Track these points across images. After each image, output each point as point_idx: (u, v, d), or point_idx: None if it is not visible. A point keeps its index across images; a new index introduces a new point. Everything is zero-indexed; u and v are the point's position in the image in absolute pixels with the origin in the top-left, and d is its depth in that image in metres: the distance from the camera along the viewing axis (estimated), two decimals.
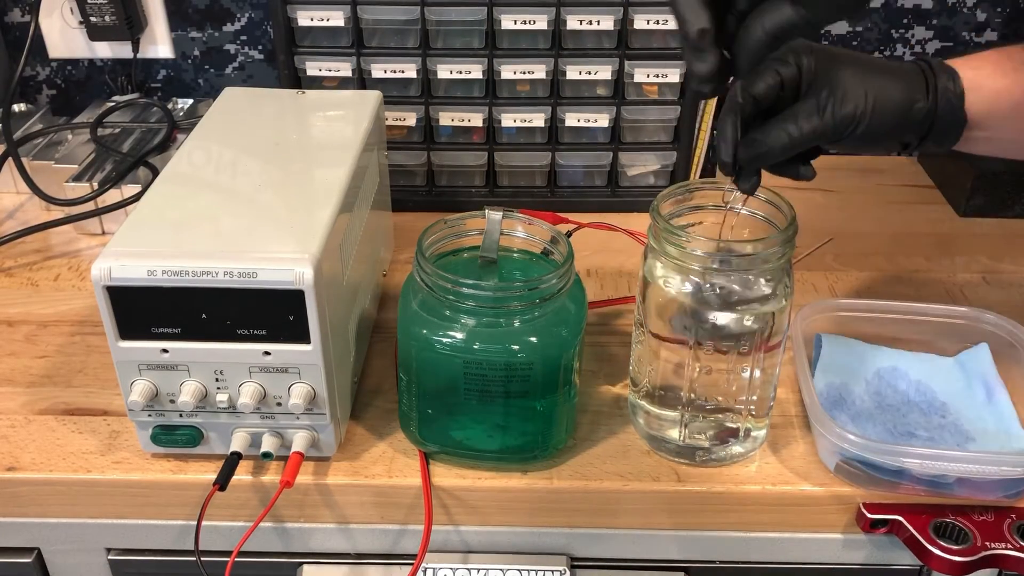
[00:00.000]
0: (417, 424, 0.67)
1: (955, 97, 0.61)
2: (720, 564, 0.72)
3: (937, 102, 0.61)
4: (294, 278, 0.59)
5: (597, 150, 0.98)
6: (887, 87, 0.60)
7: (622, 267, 0.91)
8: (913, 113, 0.61)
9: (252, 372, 0.63)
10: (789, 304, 0.64)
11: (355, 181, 0.72)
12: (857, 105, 0.59)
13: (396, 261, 0.92)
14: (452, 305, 0.62)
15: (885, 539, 0.69)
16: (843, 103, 0.59)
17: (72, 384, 0.76)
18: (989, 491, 0.66)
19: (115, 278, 0.59)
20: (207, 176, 0.70)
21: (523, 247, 0.70)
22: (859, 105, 0.59)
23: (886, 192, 1.07)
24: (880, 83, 0.60)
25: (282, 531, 0.70)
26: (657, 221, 0.63)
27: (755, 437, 0.69)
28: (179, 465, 0.68)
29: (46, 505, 0.69)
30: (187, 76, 1.13)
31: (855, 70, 0.60)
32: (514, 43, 0.93)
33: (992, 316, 0.76)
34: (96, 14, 1.04)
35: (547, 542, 0.71)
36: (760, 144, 0.59)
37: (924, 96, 0.61)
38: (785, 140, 0.59)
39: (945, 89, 0.61)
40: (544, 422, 0.66)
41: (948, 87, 0.61)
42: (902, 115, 0.61)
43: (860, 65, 0.61)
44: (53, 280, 0.89)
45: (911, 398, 0.74)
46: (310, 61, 0.93)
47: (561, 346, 0.63)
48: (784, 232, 0.62)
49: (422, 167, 0.99)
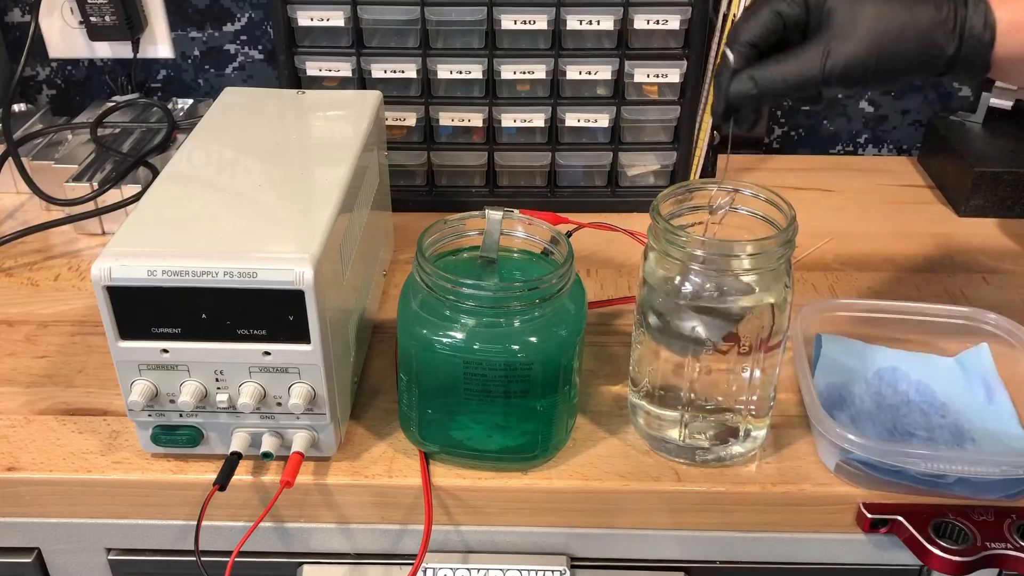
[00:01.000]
0: (417, 424, 0.67)
1: (982, 45, 0.56)
2: (720, 564, 0.72)
3: (961, 48, 0.56)
4: (294, 278, 0.59)
5: (597, 150, 0.98)
6: (904, 33, 0.56)
7: (622, 267, 0.91)
8: (930, 61, 0.57)
9: (252, 372, 0.63)
10: (789, 304, 0.64)
11: (355, 181, 0.72)
12: (863, 58, 0.56)
13: (396, 261, 0.92)
14: (452, 305, 0.62)
15: (885, 539, 0.69)
16: (848, 54, 0.56)
17: (72, 384, 0.76)
18: (989, 491, 0.66)
19: (115, 278, 0.59)
20: (207, 176, 0.70)
21: (523, 247, 0.70)
22: (865, 58, 0.56)
23: (886, 192, 1.07)
24: (897, 27, 0.56)
25: (282, 531, 0.70)
26: (657, 221, 0.63)
27: (755, 437, 0.69)
28: (179, 465, 0.68)
29: (46, 505, 0.69)
30: (187, 76, 1.13)
31: (869, 10, 0.56)
32: (514, 43, 0.93)
33: (992, 316, 0.76)
34: (96, 14, 1.04)
35: (547, 542, 0.71)
36: (753, 85, 0.57)
37: (948, 38, 0.56)
38: (780, 86, 0.57)
39: (972, 35, 0.56)
40: (544, 422, 0.66)
41: (976, 30, 0.56)
42: (917, 64, 0.57)
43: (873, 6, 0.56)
44: (53, 280, 0.89)
45: (911, 398, 0.74)
46: (310, 61, 0.93)
47: (561, 346, 0.63)
48: (784, 232, 0.62)
49: (422, 167, 0.99)
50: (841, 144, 1.16)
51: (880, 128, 1.15)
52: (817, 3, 0.57)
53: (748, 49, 0.58)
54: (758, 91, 0.57)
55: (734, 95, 0.58)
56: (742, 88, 0.58)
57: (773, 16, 0.57)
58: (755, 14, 0.57)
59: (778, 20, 0.57)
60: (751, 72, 0.58)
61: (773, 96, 0.58)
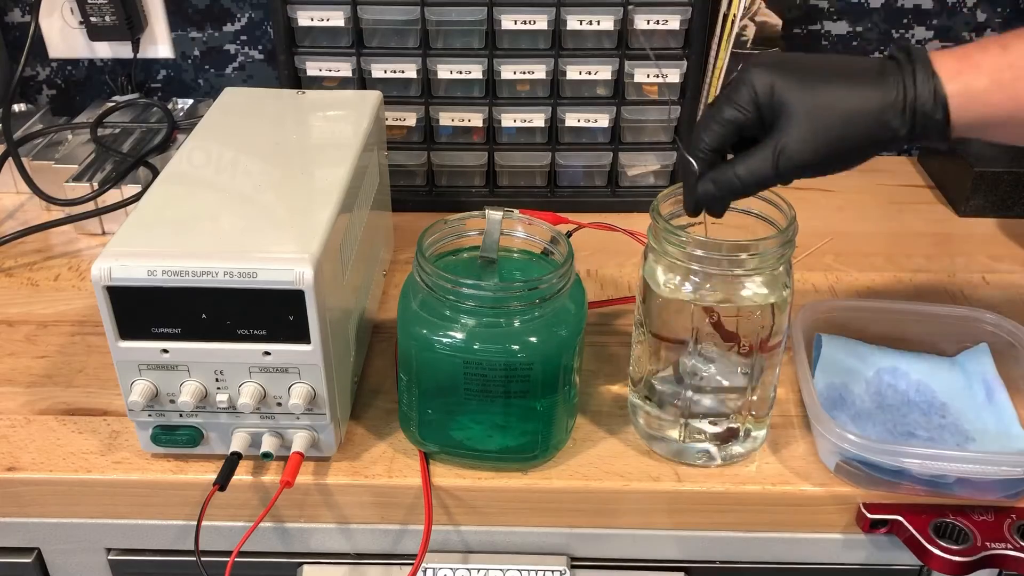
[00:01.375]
0: (417, 424, 0.67)
1: (935, 122, 0.56)
2: (720, 564, 0.72)
3: (914, 127, 0.57)
4: (294, 278, 0.59)
5: (597, 150, 0.98)
6: (851, 121, 0.57)
7: (622, 267, 0.91)
8: (884, 143, 0.58)
9: (252, 372, 0.63)
10: (789, 304, 0.64)
11: (355, 181, 0.72)
12: (811, 153, 0.57)
13: (396, 261, 0.92)
14: (452, 305, 0.62)
15: (885, 539, 0.69)
16: (797, 151, 0.57)
17: (72, 384, 0.76)
18: (989, 491, 0.66)
19: (115, 278, 0.59)
20: (207, 176, 0.70)
21: (523, 247, 0.70)
22: (814, 152, 0.57)
23: (886, 192, 1.07)
24: (843, 117, 0.57)
25: (282, 531, 0.70)
26: (657, 221, 0.63)
27: (755, 437, 0.69)
28: (179, 465, 0.68)
29: (46, 505, 0.69)
30: (187, 76, 1.13)
31: (814, 102, 0.57)
32: (514, 43, 0.93)
33: (992, 316, 0.76)
34: (96, 14, 1.04)
35: (547, 542, 0.71)
36: (713, 188, 0.60)
37: (899, 120, 0.57)
38: (739, 188, 0.59)
39: (923, 113, 0.56)
40: (544, 422, 0.66)
41: (927, 107, 0.56)
42: (871, 147, 0.58)
43: (820, 99, 0.57)
44: (53, 280, 0.89)
45: (911, 398, 0.74)
46: (310, 61, 0.93)
47: (561, 346, 0.63)
48: (784, 232, 0.62)
49: (422, 167, 0.99)
50: None
51: None
52: (768, 101, 0.58)
53: (709, 155, 0.60)
54: (720, 194, 0.60)
55: (701, 197, 0.61)
56: (707, 190, 0.60)
57: (726, 125, 0.59)
58: (710, 123, 0.60)
59: (732, 127, 0.59)
60: (713, 175, 0.60)
61: (734, 195, 0.61)
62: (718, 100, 0.60)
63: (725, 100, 0.59)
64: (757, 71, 0.59)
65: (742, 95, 0.59)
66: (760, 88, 0.58)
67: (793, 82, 0.58)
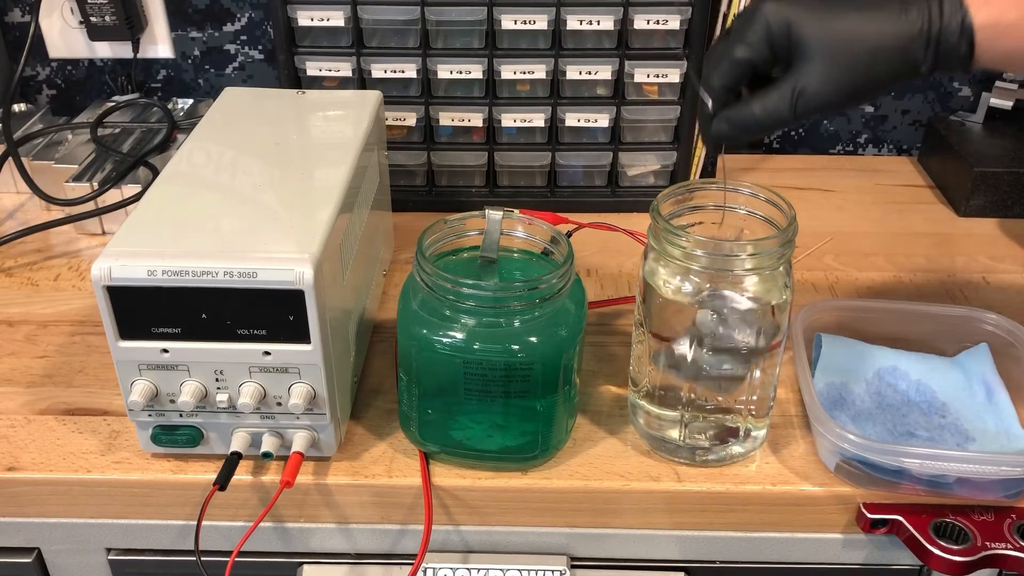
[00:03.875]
0: (417, 424, 0.67)
1: (959, 56, 0.53)
2: (720, 564, 0.72)
3: (937, 61, 0.54)
4: (294, 278, 0.59)
5: (597, 150, 0.98)
6: (874, 57, 0.54)
7: (622, 267, 0.91)
8: (905, 75, 0.55)
9: (252, 372, 0.63)
10: (789, 304, 0.64)
11: (355, 181, 0.72)
12: (833, 92, 0.55)
13: (396, 261, 0.92)
14: (452, 305, 0.62)
15: (885, 539, 0.69)
16: (817, 91, 0.55)
17: (72, 384, 0.76)
18: (989, 491, 0.66)
19: (115, 278, 0.59)
20: (207, 176, 0.70)
21: (523, 247, 0.70)
22: (836, 92, 0.55)
23: (886, 192, 1.07)
24: (867, 52, 0.54)
25: (282, 531, 0.70)
26: (657, 221, 0.63)
27: (755, 437, 0.69)
28: (179, 465, 0.68)
29: (46, 505, 0.69)
30: (187, 76, 1.13)
31: (835, 38, 0.54)
32: (514, 43, 0.93)
33: (992, 316, 0.76)
34: (96, 14, 1.04)
35: (547, 542, 0.71)
36: (728, 128, 0.58)
37: (922, 53, 0.53)
38: (754, 128, 0.57)
39: (947, 47, 0.53)
40: (544, 422, 0.66)
41: (952, 41, 0.53)
42: (891, 81, 0.55)
43: (841, 35, 0.54)
44: (53, 280, 0.89)
45: (911, 398, 0.74)
46: (310, 61, 0.93)
47: (561, 346, 0.63)
48: (784, 232, 0.62)
49: (422, 167, 0.99)
50: (841, 144, 1.16)
51: (880, 128, 1.15)
52: (783, 39, 0.55)
53: (723, 93, 0.58)
54: (735, 134, 0.58)
55: (715, 137, 0.59)
56: (721, 130, 0.59)
57: (738, 65, 0.57)
58: (721, 61, 0.57)
59: (745, 66, 0.57)
60: (727, 114, 0.58)
61: (750, 135, 0.59)
62: (730, 36, 0.57)
63: (737, 37, 0.56)
64: (770, 5, 0.55)
65: (755, 32, 0.55)
66: (775, 24, 0.55)
67: (810, 17, 0.55)
